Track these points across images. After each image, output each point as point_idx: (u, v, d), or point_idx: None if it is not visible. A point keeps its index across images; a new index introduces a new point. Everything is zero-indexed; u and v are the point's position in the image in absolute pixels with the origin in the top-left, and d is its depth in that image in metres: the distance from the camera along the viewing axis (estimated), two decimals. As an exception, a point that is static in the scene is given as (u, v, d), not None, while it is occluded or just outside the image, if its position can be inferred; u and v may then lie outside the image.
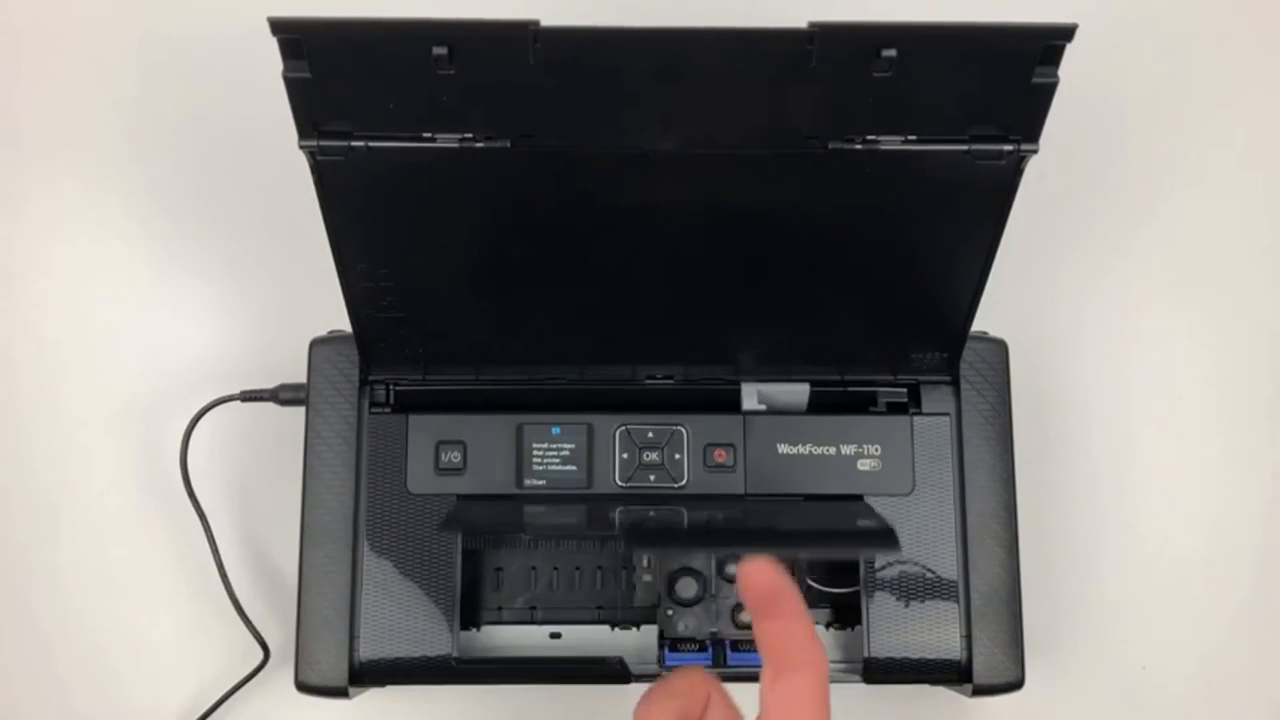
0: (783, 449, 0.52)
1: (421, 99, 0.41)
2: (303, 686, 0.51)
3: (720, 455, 0.52)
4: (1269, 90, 0.66)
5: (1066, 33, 0.39)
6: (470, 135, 0.42)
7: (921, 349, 0.53)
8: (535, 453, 0.52)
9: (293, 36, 0.39)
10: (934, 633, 0.52)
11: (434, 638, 0.51)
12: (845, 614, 0.55)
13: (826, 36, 0.39)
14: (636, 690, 0.45)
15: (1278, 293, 0.64)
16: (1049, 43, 0.39)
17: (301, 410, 0.54)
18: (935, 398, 0.54)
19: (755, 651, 0.53)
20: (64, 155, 0.65)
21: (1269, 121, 0.66)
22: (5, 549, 0.60)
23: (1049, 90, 0.41)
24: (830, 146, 0.43)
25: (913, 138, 0.43)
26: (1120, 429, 0.62)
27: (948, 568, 0.52)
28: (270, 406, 0.56)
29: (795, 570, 0.54)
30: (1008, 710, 0.57)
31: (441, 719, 0.58)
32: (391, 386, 0.54)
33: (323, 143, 0.42)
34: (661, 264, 0.49)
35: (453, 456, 0.52)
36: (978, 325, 0.52)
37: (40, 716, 0.59)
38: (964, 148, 0.43)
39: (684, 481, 0.52)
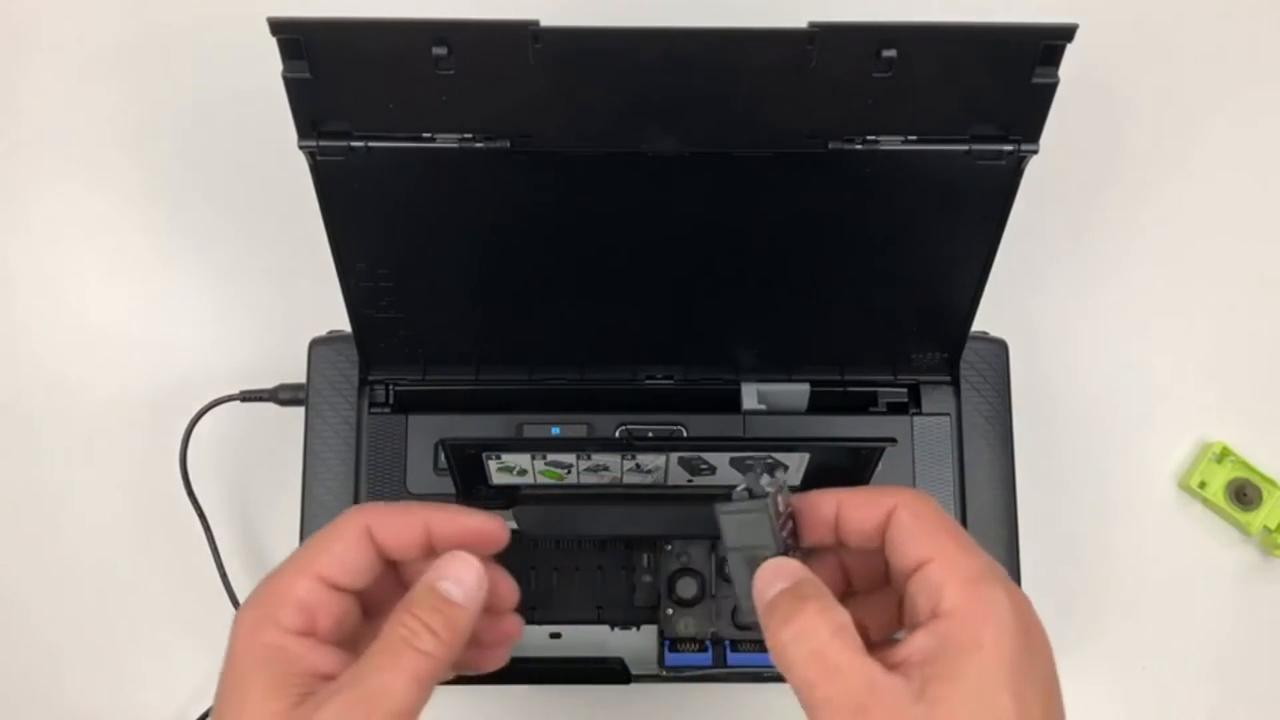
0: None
1: (421, 99, 0.41)
2: (303, 686, 0.51)
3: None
4: (1269, 90, 0.66)
5: (1066, 33, 0.39)
6: (470, 135, 0.42)
7: (922, 349, 0.53)
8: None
9: (293, 36, 0.39)
10: (934, 633, 0.52)
11: (434, 638, 0.51)
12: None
13: (826, 36, 0.39)
14: (636, 690, 0.45)
15: (1278, 292, 0.64)
16: (1049, 43, 0.39)
17: (301, 410, 0.53)
18: (935, 398, 0.54)
19: (755, 652, 0.53)
20: (64, 156, 0.65)
21: (1269, 121, 0.66)
22: (6, 548, 0.60)
23: (1049, 90, 0.41)
24: (830, 146, 0.43)
25: (913, 138, 0.43)
26: (1120, 429, 0.62)
27: (948, 568, 0.52)
28: (270, 406, 0.56)
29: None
30: (1008, 710, 0.57)
31: (441, 719, 0.58)
32: (391, 386, 0.54)
33: (322, 143, 0.42)
34: (661, 264, 0.49)
35: (453, 456, 0.52)
36: (978, 325, 0.52)
37: (41, 716, 0.59)
38: (964, 148, 0.43)
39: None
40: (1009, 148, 0.43)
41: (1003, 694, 0.32)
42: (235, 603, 0.57)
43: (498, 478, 0.49)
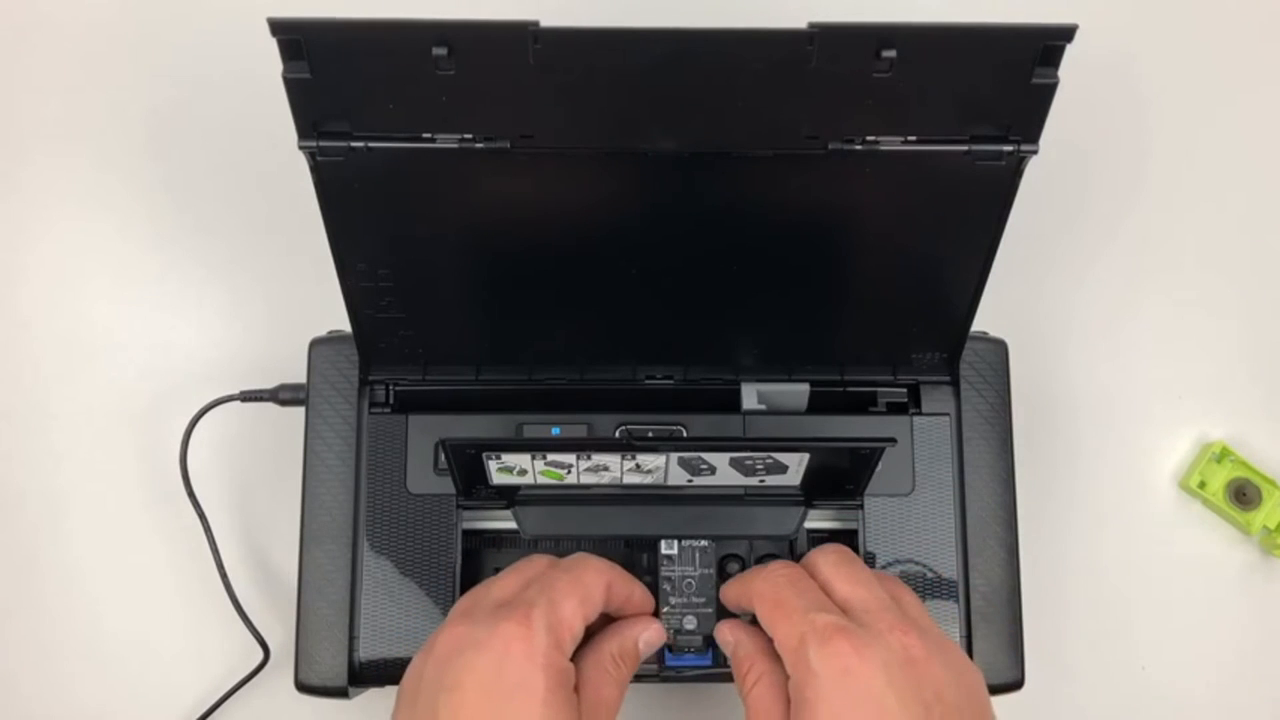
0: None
1: (421, 99, 0.41)
2: (303, 686, 0.51)
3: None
4: (1269, 91, 0.66)
5: (1066, 33, 0.39)
6: (470, 135, 0.42)
7: (921, 349, 0.53)
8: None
9: (293, 37, 0.39)
10: (934, 633, 0.52)
11: (434, 638, 0.51)
12: (845, 614, 0.55)
13: (826, 36, 0.39)
14: (636, 690, 0.45)
15: (1277, 291, 0.64)
16: (1049, 43, 0.39)
17: (301, 410, 0.54)
18: (935, 398, 0.54)
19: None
20: (64, 156, 0.65)
21: (1269, 122, 0.66)
22: (6, 549, 0.60)
23: (1049, 91, 0.41)
24: (830, 146, 0.43)
25: (913, 138, 0.43)
26: (1120, 429, 0.62)
27: (948, 568, 0.52)
28: (270, 406, 0.56)
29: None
30: (1008, 710, 0.57)
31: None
32: (391, 386, 0.54)
33: (323, 143, 0.42)
34: (661, 264, 0.49)
35: (453, 456, 0.52)
36: (977, 325, 0.52)
37: (41, 716, 0.59)
38: (964, 148, 0.43)
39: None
40: (1008, 148, 0.43)
41: None
42: (235, 603, 0.57)
43: (498, 478, 0.49)
